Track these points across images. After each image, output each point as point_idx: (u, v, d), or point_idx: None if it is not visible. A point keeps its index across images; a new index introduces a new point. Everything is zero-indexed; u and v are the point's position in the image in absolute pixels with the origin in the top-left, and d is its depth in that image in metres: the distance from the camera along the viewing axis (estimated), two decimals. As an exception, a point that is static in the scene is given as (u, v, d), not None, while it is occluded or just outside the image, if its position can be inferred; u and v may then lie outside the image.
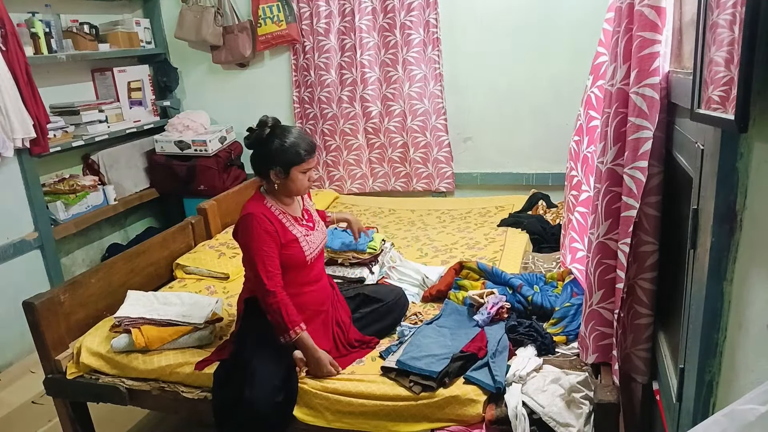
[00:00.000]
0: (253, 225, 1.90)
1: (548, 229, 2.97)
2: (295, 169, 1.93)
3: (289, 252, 1.95)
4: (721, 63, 0.92)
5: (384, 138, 3.76)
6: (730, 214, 0.95)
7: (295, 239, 1.97)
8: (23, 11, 3.09)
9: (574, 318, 2.01)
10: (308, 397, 1.87)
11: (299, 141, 1.93)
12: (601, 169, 1.59)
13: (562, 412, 1.65)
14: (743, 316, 0.93)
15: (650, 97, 1.34)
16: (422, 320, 2.17)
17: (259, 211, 1.93)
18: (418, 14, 3.47)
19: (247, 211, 1.94)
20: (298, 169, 1.93)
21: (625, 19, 1.43)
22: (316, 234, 2.07)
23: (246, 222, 1.92)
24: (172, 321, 2.11)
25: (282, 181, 1.95)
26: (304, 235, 2.01)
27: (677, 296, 1.31)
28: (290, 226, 1.99)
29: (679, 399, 1.23)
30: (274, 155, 1.92)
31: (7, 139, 2.77)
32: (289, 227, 1.98)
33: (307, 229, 2.04)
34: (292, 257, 1.96)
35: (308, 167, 1.96)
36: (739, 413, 0.68)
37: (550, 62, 3.40)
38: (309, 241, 2.02)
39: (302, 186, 1.97)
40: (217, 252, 2.80)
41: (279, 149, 1.91)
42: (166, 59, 4.09)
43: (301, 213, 2.08)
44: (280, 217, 1.97)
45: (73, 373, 2.12)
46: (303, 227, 2.03)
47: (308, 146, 1.94)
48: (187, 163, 3.80)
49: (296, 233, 1.99)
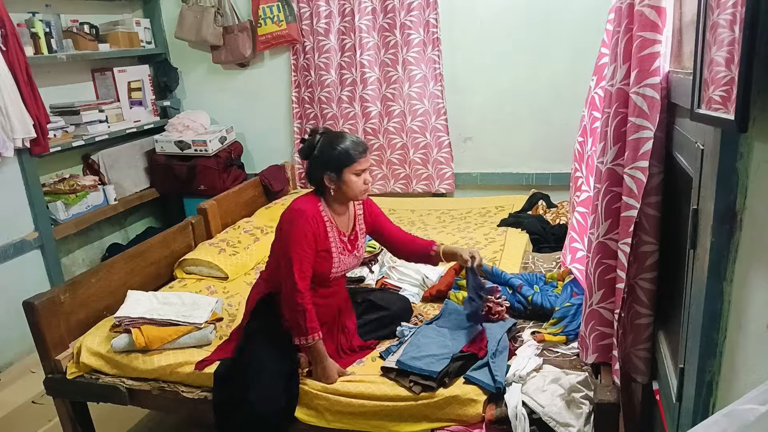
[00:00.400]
0: (302, 222, 1.87)
1: (548, 229, 2.97)
2: (347, 170, 1.89)
3: (317, 261, 1.92)
4: (721, 63, 0.92)
5: (383, 139, 3.75)
6: (730, 214, 0.95)
7: (329, 251, 1.94)
8: (23, 11, 3.09)
9: (574, 318, 2.01)
10: (309, 397, 1.87)
11: (348, 142, 1.90)
12: (601, 169, 1.59)
13: (562, 412, 1.65)
14: (743, 316, 0.93)
15: (650, 97, 1.34)
16: (422, 320, 2.17)
17: (310, 210, 1.91)
18: (418, 14, 3.47)
19: (300, 207, 1.91)
20: (350, 170, 1.89)
21: (625, 19, 1.43)
22: (351, 258, 2.03)
23: (295, 216, 1.89)
24: (172, 321, 2.11)
25: (336, 185, 1.91)
26: (339, 252, 1.97)
27: (677, 296, 1.31)
28: (331, 236, 1.95)
29: (679, 399, 1.23)
30: (325, 159, 1.90)
31: (7, 139, 2.77)
32: (330, 237, 1.95)
33: (344, 247, 2.00)
34: (318, 268, 1.92)
35: (360, 168, 1.90)
36: (739, 413, 0.68)
37: (551, 62, 3.40)
38: (340, 260, 1.98)
39: (358, 188, 1.92)
40: (216, 248, 2.80)
41: (328, 153, 1.89)
42: (166, 59, 4.10)
43: (349, 230, 2.04)
44: (326, 224, 1.95)
45: (73, 373, 2.12)
46: (342, 244, 1.99)
47: (358, 146, 1.90)
48: (187, 163, 3.80)
49: (333, 246, 1.95)
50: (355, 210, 2.08)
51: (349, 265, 2.04)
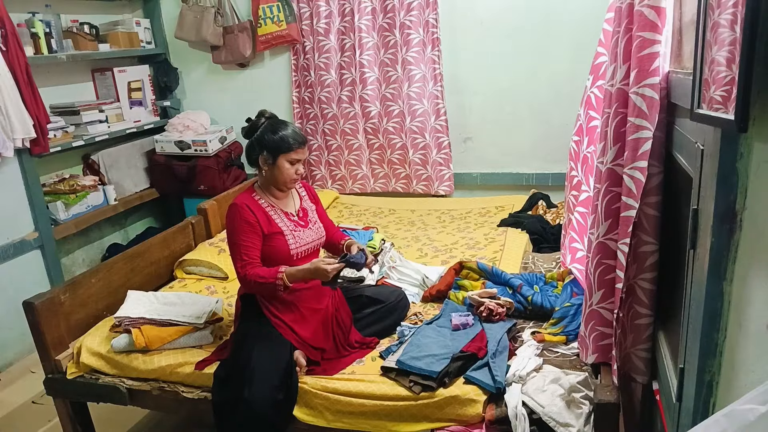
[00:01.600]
0: (233, 214, 1.97)
1: (548, 229, 2.97)
2: (282, 156, 1.97)
3: (272, 243, 2.00)
4: (722, 63, 0.92)
5: (383, 139, 3.76)
6: (730, 214, 0.95)
7: (279, 231, 2.01)
8: (23, 11, 3.09)
9: (574, 318, 2.01)
10: (308, 396, 1.87)
11: (289, 131, 1.98)
12: (600, 169, 1.59)
13: (562, 412, 1.65)
14: (743, 316, 0.93)
15: (650, 97, 1.34)
16: (422, 320, 2.17)
17: (242, 201, 1.99)
18: (417, 14, 3.47)
19: (233, 202, 2.01)
20: (285, 157, 1.97)
21: (625, 19, 1.43)
22: (307, 232, 2.09)
23: (228, 212, 2.01)
24: (172, 321, 2.11)
25: (269, 168, 2.00)
26: (291, 229, 2.04)
27: (677, 296, 1.31)
28: (277, 218, 2.03)
29: (679, 399, 1.23)
30: (264, 141, 1.99)
31: (7, 139, 2.77)
32: (275, 219, 2.03)
33: (295, 224, 2.07)
34: (276, 249, 2.00)
35: (296, 157, 1.99)
36: (738, 413, 0.68)
37: (550, 62, 3.40)
38: (296, 236, 2.04)
39: (288, 176, 2.00)
40: (216, 248, 2.80)
41: (268, 136, 1.98)
42: (166, 59, 4.10)
43: (296, 210, 2.11)
44: (266, 209, 2.02)
45: (73, 373, 2.12)
46: (292, 222, 2.06)
47: (297, 137, 1.98)
48: (187, 163, 3.80)
49: (282, 226, 2.02)
50: (297, 191, 2.18)
51: (309, 239, 2.09)
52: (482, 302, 2.10)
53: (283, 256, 2.00)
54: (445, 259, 2.71)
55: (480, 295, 2.16)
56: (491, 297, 2.17)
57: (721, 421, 0.70)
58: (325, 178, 3.98)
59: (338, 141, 3.84)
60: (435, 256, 2.76)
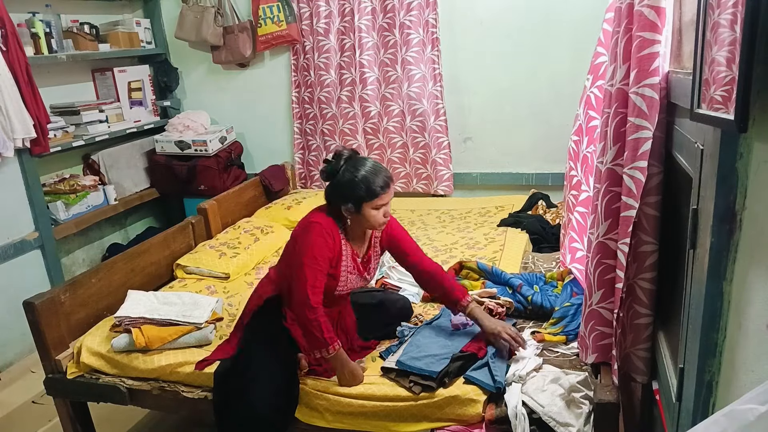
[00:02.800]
0: (318, 235, 1.83)
1: (548, 229, 2.97)
2: (367, 205, 1.82)
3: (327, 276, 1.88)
4: (722, 63, 0.92)
5: (383, 138, 3.76)
6: (730, 214, 0.95)
7: (338, 270, 1.89)
8: (23, 11, 3.09)
9: (574, 318, 2.01)
10: (308, 397, 1.87)
11: (372, 175, 1.81)
12: (600, 169, 1.59)
13: (562, 412, 1.65)
14: (743, 316, 0.93)
15: (650, 97, 1.34)
16: (422, 320, 2.17)
17: (327, 226, 1.85)
18: (417, 14, 3.47)
19: (316, 220, 1.86)
20: (370, 205, 1.82)
21: (625, 19, 1.43)
22: (357, 278, 1.98)
23: (311, 229, 1.85)
24: (172, 321, 2.11)
25: (354, 217, 1.86)
26: (348, 272, 1.92)
27: (677, 296, 1.31)
28: (344, 260, 1.90)
29: (678, 399, 1.23)
30: (346, 191, 1.83)
31: (7, 139, 2.77)
32: (343, 261, 1.90)
33: (355, 268, 1.95)
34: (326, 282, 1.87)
35: (381, 203, 1.83)
36: (738, 413, 0.68)
37: (550, 62, 3.40)
38: (347, 279, 1.94)
39: (376, 222, 1.85)
40: (217, 252, 2.80)
41: (350, 184, 1.81)
42: (167, 59, 4.10)
43: (363, 253, 1.99)
44: (342, 244, 1.89)
45: (73, 373, 2.12)
46: (354, 264, 1.94)
47: (383, 181, 1.81)
48: (187, 163, 3.80)
49: (343, 270, 1.90)
50: (373, 232, 2.01)
51: (354, 284, 2.00)
52: (482, 302, 2.10)
53: (327, 291, 1.87)
54: (445, 259, 2.71)
55: (480, 294, 2.16)
56: (491, 297, 2.18)
57: (721, 421, 0.70)
58: (323, 179, 3.98)
59: (336, 141, 3.83)
60: (435, 256, 2.76)
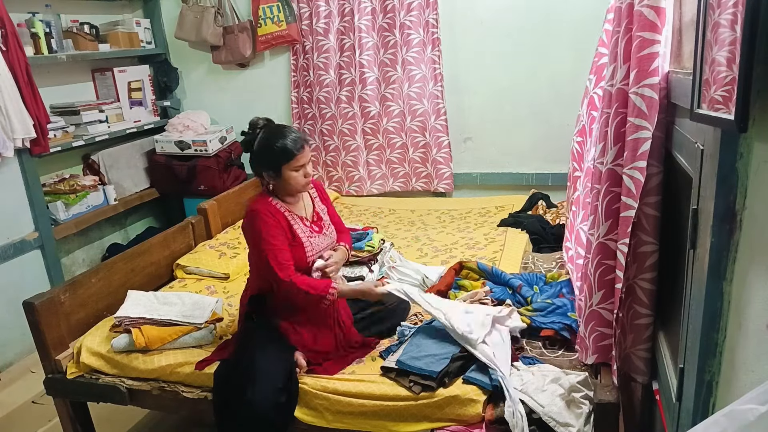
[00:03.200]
0: (258, 221, 1.91)
1: (548, 229, 2.97)
2: (286, 167, 1.91)
3: (292, 250, 1.95)
4: (722, 63, 0.92)
5: (382, 139, 3.76)
6: (730, 214, 0.95)
7: (299, 240, 1.96)
8: (23, 11, 3.09)
9: (547, 315, 2.04)
10: (308, 397, 1.87)
11: (285, 139, 1.90)
12: (600, 170, 1.59)
13: (562, 412, 1.65)
14: (743, 316, 0.93)
15: (649, 98, 1.34)
16: (422, 320, 2.17)
17: (263, 207, 1.94)
18: (417, 14, 3.47)
19: (253, 208, 1.94)
20: (289, 167, 1.91)
21: (625, 19, 1.43)
22: (322, 238, 2.05)
23: (252, 218, 1.93)
24: (172, 321, 2.11)
25: (276, 182, 1.95)
26: (308, 236, 2.00)
27: (677, 296, 1.31)
28: (296, 225, 1.98)
29: (678, 399, 1.23)
30: (263, 157, 1.93)
31: (7, 139, 2.77)
32: (295, 227, 1.98)
33: (311, 230, 2.02)
34: (294, 255, 1.95)
35: (299, 164, 1.92)
36: (738, 413, 0.68)
37: (551, 62, 3.40)
38: (312, 243, 2.00)
39: (297, 183, 1.95)
40: (217, 252, 2.80)
41: (266, 150, 1.91)
42: (167, 59, 4.10)
43: (310, 215, 2.06)
44: (286, 215, 1.97)
45: (73, 373, 2.12)
46: (309, 228, 2.02)
47: (295, 142, 1.90)
48: (187, 163, 3.80)
49: (301, 234, 1.98)
50: (309, 193, 2.11)
51: (323, 245, 2.05)
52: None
53: (298, 263, 1.95)
54: (445, 259, 2.71)
55: (471, 297, 2.14)
56: (479, 300, 2.15)
57: (721, 421, 0.70)
58: (322, 179, 3.98)
59: (335, 142, 3.83)
60: (435, 256, 2.76)
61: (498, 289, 2.27)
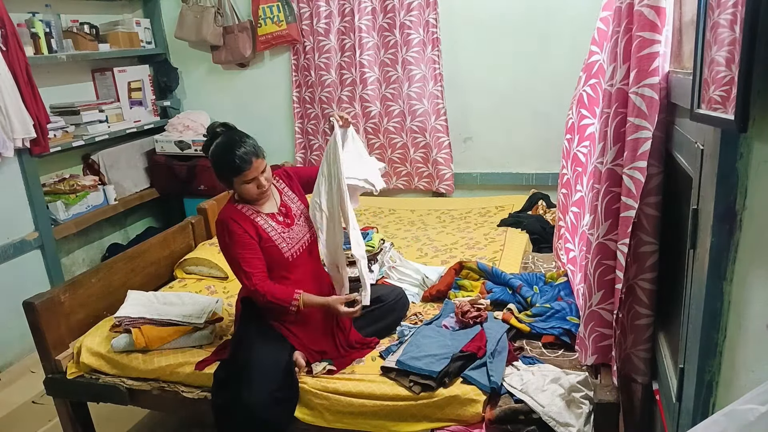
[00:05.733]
0: (222, 230, 1.92)
1: (548, 229, 2.97)
2: (237, 180, 1.88)
3: (266, 252, 1.94)
4: (722, 63, 0.92)
5: (383, 138, 3.76)
6: (730, 214, 0.95)
7: (270, 239, 1.95)
8: (23, 11, 3.09)
9: (547, 320, 2.04)
10: (308, 397, 1.87)
11: (233, 153, 1.83)
12: (600, 170, 1.59)
13: (562, 412, 1.65)
14: (743, 316, 0.93)
15: (649, 98, 1.34)
16: (422, 320, 2.17)
17: (228, 215, 1.93)
18: (417, 14, 3.47)
19: (219, 219, 1.95)
20: (239, 180, 1.88)
21: (625, 19, 1.43)
22: (295, 229, 2.03)
23: (218, 228, 1.95)
24: (172, 321, 2.11)
25: (232, 189, 1.96)
26: (280, 233, 1.98)
27: (677, 296, 1.31)
28: (264, 224, 1.96)
29: (678, 399, 1.23)
30: (216, 168, 1.92)
31: (7, 139, 2.77)
32: (264, 226, 1.95)
33: (283, 226, 2.00)
34: (271, 257, 1.95)
35: (248, 178, 1.86)
36: (738, 413, 0.68)
37: (550, 62, 3.40)
38: (286, 238, 1.99)
39: (250, 195, 1.92)
40: (217, 251, 2.80)
41: (217, 163, 1.90)
42: (167, 59, 4.10)
43: (278, 209, 2.04)
44: (252, 217, 1.95)
45: (73, 373, 2.12)
46: (279, 224, 1.99)
47: (243, 156, 1.83)
48: (187, 163, 3.80)
49: (271, 232, 1.96)
50: (276, 186, 2.08)
51: (300, 236, 2.03)
52: (465, 309, 2.07)
53: (279, 261, 1.96)
54: (445, 259, 2.71)
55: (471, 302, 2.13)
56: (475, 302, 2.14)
57: (721, 421, 0.70)
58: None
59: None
60: (435, 256, 2.76)
61: (498, 289, 2.27)
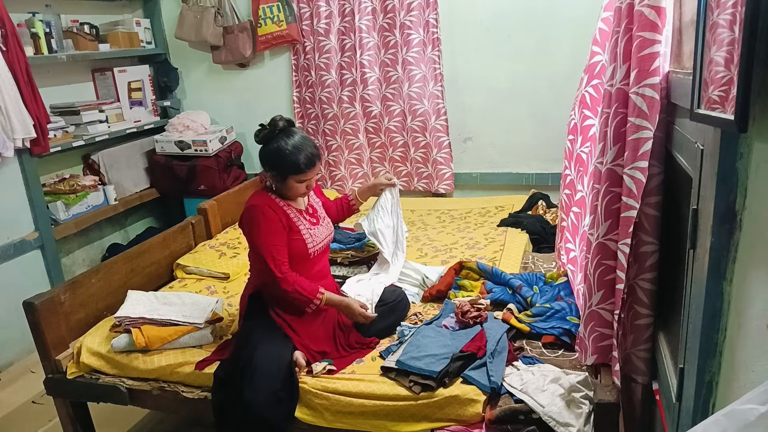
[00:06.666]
0: (258, 215, 1.94)
1: (548, 229, 2.97)
2: (292, 178, 1.96)
3: (291, 244, 1.99)
4: (721, 63, 0.92)
5: (384, 137, 3.77)
6: (730, 214, 0.95)
7: (298, 231, 2.01)
8: (23, 11, 3.09)
9: (547, 320, 2.04)
10: (308, 397, 1.87)
11: (300, 152, 1.92)
12: (600, 170, 1.59)
13: (562, 412, 1.65)
14: (743, 316, 0.93)
15: (650, 98, 1.34)
16: (422, 320, 2.17)
17: (263, 202, 1.97)
18: (417, 14, 3.47)
19: (253, 203, 1.97)
20: (294, 179, 1.96)
21: (625, 19, 1.43)
22: (320, 229, 2.11)
23: (251, 213, 1.96)
24: (172, 321, 2.11)
25: (278, 184, 1.99)
26: (307, 228, 2.05)
27: (677, 296, 1.31)
28: (294, 217, 2.03)
29: (678, 399, 1.23)
30: (273, 161, 1.95)
31: (7, 139, 2.77)
32: (293, 218, 2.02)
33: (310, 223, 2.08)
34: (295, 248, 1.99)
35: (305, 178, 1.97)
36: (739, 413, 0.68)
37: (550, 62, 3.40)
38: (312, 234, 2.05)
39: (297, 193, 2.01)
40: (217, 252, 2.80)
41: (279, 155, 1.93)
42: (167, 59, 4.10)
43: (305, 207, 2.11)
44: (284, 208, 2.01)
45: (73, 373, 2.12)
46: (306, 220, 2.07)
47: (308, 159, 1.93)
48: (187, 163, 3.80)
49: (300, 225, 2.03)
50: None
51: (323, 236, 2.10)
52: (465, 309, 2.07)
53: (300, 255, 2.01)
54: (445, 259, 2.71)
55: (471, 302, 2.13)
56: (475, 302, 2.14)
57: (721, 421, 0.70)
58: (324, 179, 3.98)
59: (338, 141, 3.84)
60: (435, 256, 2.76)
61: (498, 289, 2.27)
